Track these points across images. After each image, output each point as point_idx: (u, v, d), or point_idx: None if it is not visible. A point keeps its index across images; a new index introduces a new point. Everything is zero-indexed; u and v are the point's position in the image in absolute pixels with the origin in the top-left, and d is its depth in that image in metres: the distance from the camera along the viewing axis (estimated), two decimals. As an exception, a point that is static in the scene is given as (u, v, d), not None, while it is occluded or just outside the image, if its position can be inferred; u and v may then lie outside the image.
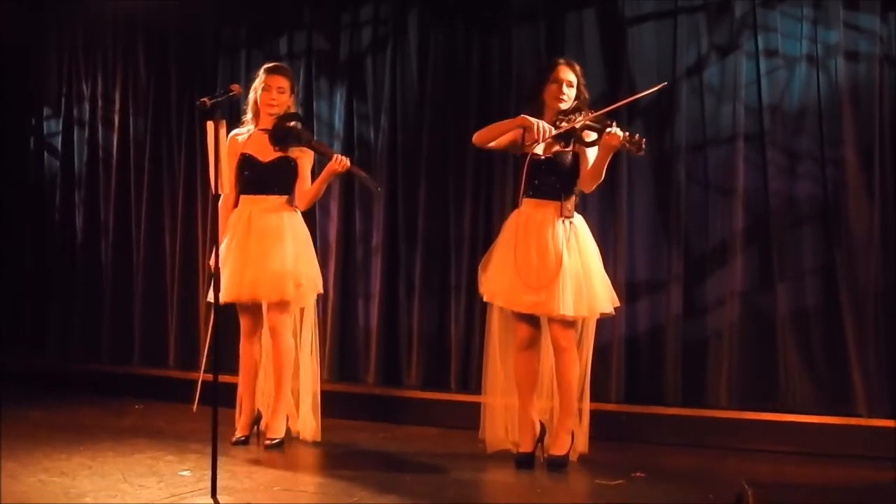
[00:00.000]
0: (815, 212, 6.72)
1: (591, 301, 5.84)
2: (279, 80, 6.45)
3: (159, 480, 5.46)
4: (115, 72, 8.84)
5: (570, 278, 5.77)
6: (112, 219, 8.81)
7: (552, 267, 5.78)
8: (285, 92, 6.45)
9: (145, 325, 8.64)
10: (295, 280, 6.35)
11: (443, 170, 7.64)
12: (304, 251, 6.47)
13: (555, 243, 5.81)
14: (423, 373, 7.64)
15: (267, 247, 6.33)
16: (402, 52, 7.79)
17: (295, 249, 6.38)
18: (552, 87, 5.92)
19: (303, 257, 6.43)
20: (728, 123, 6.89)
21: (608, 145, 5.67)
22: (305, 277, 6.41)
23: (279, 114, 6.42)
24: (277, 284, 6.31)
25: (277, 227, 6.37)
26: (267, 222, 6.38)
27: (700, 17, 6.98)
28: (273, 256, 6.30)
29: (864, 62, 6.62)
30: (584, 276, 5.83)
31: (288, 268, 6.32)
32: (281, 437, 6.39)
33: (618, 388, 7.00)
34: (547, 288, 5.76)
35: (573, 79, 5.94)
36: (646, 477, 5.74)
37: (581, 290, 5.79)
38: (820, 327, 6.68)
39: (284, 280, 6.32)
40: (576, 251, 5.85)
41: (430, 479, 5.69)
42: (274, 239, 6.34)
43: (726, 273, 6.85)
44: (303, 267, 6.41)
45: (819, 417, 6.52)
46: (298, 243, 6.43)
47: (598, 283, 5.90)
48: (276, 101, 6.43)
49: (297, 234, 6.45)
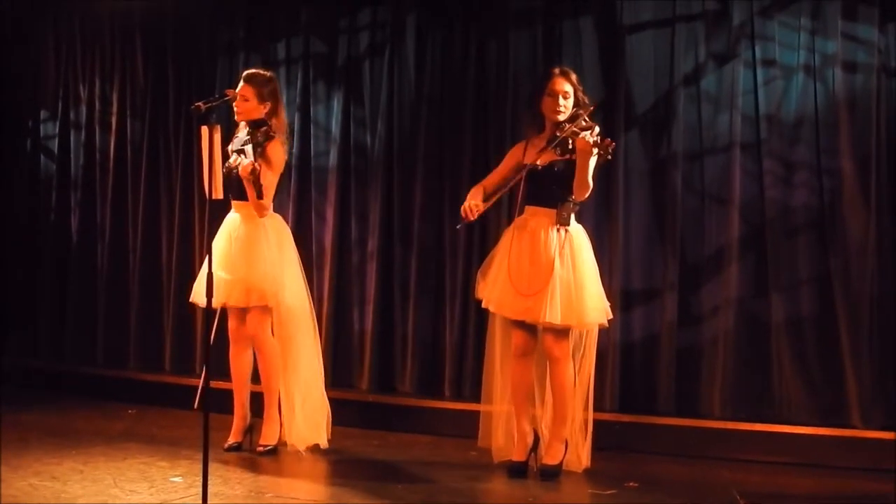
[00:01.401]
0: (811, 221, 6.71)
1: (580, 311, 5.83)
2: (243, 88, 6.43)
3: (150, 486, 5.47)
4: (113, 74, 8.82)
5: (560, 286, 5.77)
6: (108, 222, 8.78)
7: (543, 274, 5.78)
8: (249, 100, 6.40)
9: (141, 329, 8.61)
10: (245, 285, 6.33)
11: (439, 175, 7.62)
12: (260, 256, 6.39)
13: (547, 251, 5.82)
14: (417, 379, 7.61)
15: (233, 252, 6.36)
16: (400, 57, 7.78)
17: (250, 255, 6.36)
18: (548, 100, 5.93)
19: (259, 262, 6.37)
20: (725, 132, 6.88)
21: (581, 151, 5.67)
22: (259, 280, 6.34)
23: (246, 121, 6.44)
24: (228, 289, 6.31)
25: (244, 233, 6.40)
26: (238, 228, 6.42)
27: (698, 25, 6.97)
28: (233, 262, 6.34)
29: (861, 72, 6.62)
30: (576, 285, 5.82)
31: (238, 274, 6.33)
32: (273, 444, 6.38)
33: (612, 397, 6.98)
34: (536, 295, 5.76)
35: (569, 89, 5.94)
36: (639, 486, 5.75)
37: (571, 299, 5.79)
38: (815, 337, 6.67)
39: (233, 285, 6.32)
40: (569, 259, 5.84)
41: (423, 487, 5.69)
42: (240, 245, 6.37)
43: (721, 281, 6.84)
44: (256, 271, 6.35)
45: (813, 428, 6.52)
46: (254, 248, 6.38)
47: (590, 294, 5.88)
48: (237, 109, 6.44)
49: (253, 240, 6.39)
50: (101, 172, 8.85)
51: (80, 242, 8.93)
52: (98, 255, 8.82)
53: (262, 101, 6.43)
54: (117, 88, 8.80)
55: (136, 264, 8.63)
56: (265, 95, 6.45)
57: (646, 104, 7.08)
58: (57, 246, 9.05)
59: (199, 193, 8.15)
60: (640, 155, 7.08)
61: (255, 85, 6.44)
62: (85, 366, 8.72)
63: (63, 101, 9.07)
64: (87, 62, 8.96)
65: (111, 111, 8.82)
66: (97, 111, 8.89)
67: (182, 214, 8.40)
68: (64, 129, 9.08)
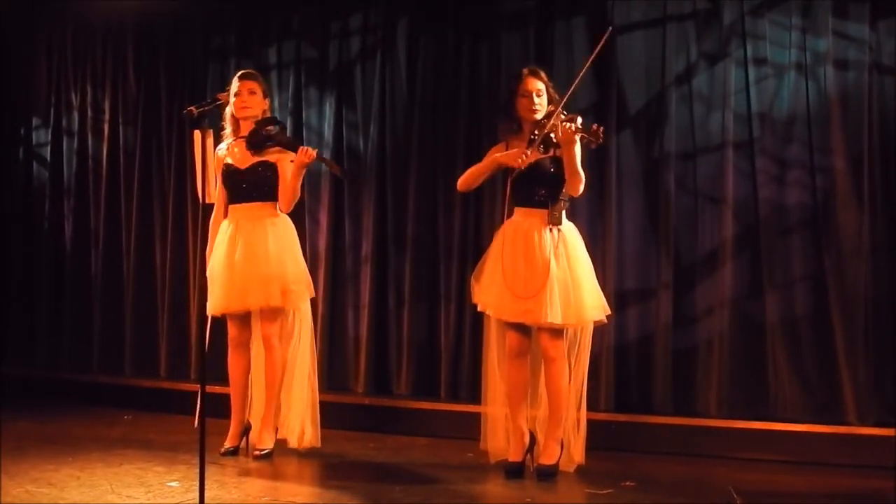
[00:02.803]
0: (804, 219, 6.72)
1: (579, 309, 5.83)
2: (248, 84, 6.44)
3: (147, 491, 5.45)
4: (105, 81, 8.84)
5: (557, 286, 5.76)
6: (102, 228, 8.80)
7: (540, 275, 5.77)
8: (256, 93, 6.43)
9: (136, 335, 8.62)
10: (282, 285, 6.33)
11: (432, 178, 7.64)
12: (289, 255, 6.42)
13: (542, 251, 5.81)
14: (413, 382, 7.63)
15: (251, 254, 6.31)
16: (392, 60, 7.79)
17: (279, 254, 6.35)
18: (522, 100, 5.93)
19: (288, 261, 6.39)
20: (717, 131, 6.89)
21: (565, 141, 5.66)
22: (293, 282, 6.39)
23: (254, 118, 6.41)
24: (264, 290, 6.29)
25: (261, 233, 6.35)
26: (251, 229, 6.36)
27: (689, 25, 6.99)
28: (258, 263, 6.29)
29: (853, 70, 6.63)
30: (573, 284, 5.82)
31: (273, 273, 6.30)
32: (270, 448, 6.37)
33: (607, 397, 6.99)
34: (535, 296, 5.76)
35: (541, 87, 5.94)
36: (635, 486, 5.73)
37: (569, 298, 5.79)
38: (810, 335, 6.68)
39: (270, 286, 6.30)
40: (564, 259, 5.83)
41: (420, 489, 5.67)
42: (257, 245, 6.33)
43: (716, 281, 6.85)
44: (289, 271, 6.38)
45: (809, 426, 6.52)
46: (282, 247, 6.38)
47: (588, 291, 5.89)
48: (247, 104, 6.42)
49: (280, 238, 6.40)
50: (94, 179, 8.87)
51: (73, 249, 8.95)
52: (92, 262, 8.84)
53: (265, 96, 6.50)
54: (109, 95, 8.83)
55: (131, 270, 8.65)
56: (266, 91, 6.53)
57: (638, 104, 7.09)
58: (51, 253, 9.05)
59: (192, 198, 8.15)
60: (633, 155, 7.09)
61: (258, 81, 6.49)
62: (80, 373, 8.73)
63: (55, 108, 9.10)
64: (78, 69, 8.98)
65: (103, 118, 8.85)
66: (89, 118, 8.92)
67: (175, 219, 8.42)
68: (56, 136, 9.11)
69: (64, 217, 9.02)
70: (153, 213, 8.57)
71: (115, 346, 8.68)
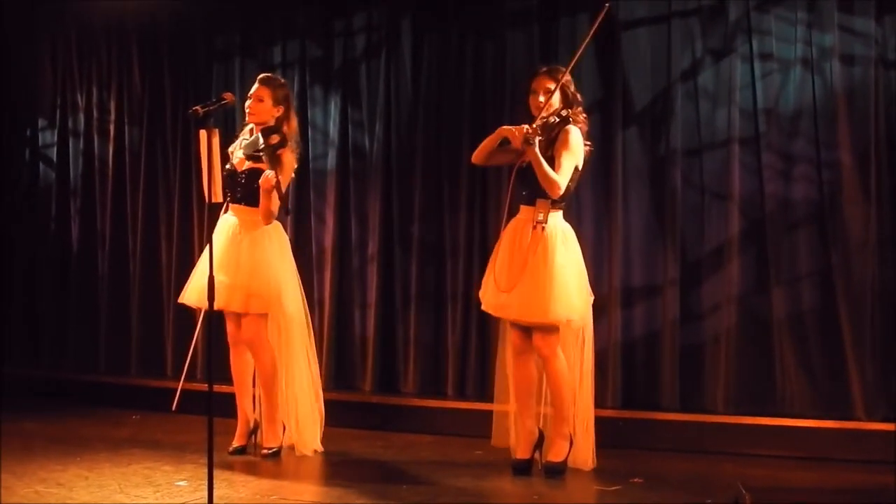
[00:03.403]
0: (811, 215, 6.71)
1: (543, 306, 5.77)
2: (259, 89, 6.40)
3: (156, 490, 5.47)
4: (110, 82, 8.83)
5: (529, 283, 5.78)
6: (108, 228, 8.79)
7: (517, 272, 5.81)
8: (264, 101, 6.38)
9: (142, 335, 8.62)
10: (247, 291, 6.29)
11: (437, 176, 7.63)
12: (265, 262, 6.34)
13: (521, 248, 5.85)
14: (420, 380, 7.62)
15: (237, 257, 6.31)
16: (396, 58, 7.78)
17: (254, 261, 6.32)
18: (531, 97, 6.00)
19: (262, 269, 6.32)
20: (723, 127, 6.88)
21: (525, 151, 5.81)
22: (261, 287, 6.30)
23: (261, 124, 6.37)
24: (229, 294, 6.24)
25: (240, 239, 6.34)
26: (240, 233, 6.36)
27: (694, 21, 6.97)
28: (236, 267, 6.29)
29: (859, 65, 6.62)
30: (545, 281, 5.78)
31: (240, 280, 6.27)
32: (277, 447, 6.37)
33: (614, 394, 6.98)
34: (510, 292, 5.80)
35: (550, 86, 5.93)
36: (643, 482, 5.75)
37: (535, 294, 5.78)
38: (817, 330, 6.67)
39: (233, 291, 6.26)
40: (541, 256, 5.81)
41: (428, 487, 5.68)
42: (244, 250, 6.32)
43: (722, 277, 6.84)
44: (259, 278, 6.31)
45: (816, 421, 6.52)
46: (258, 255, 6.34)
47: (559, 289, 5.81)
48: (251, 110, 6.40)
49: (257, 245, 6.36)
50: (101, 179, 8.86)
51: (80, 250, 8.94)
52: (98, 262, 8.82)
53: (276, 104, 6.39)
54: (115, 96, 8.81)
55: (137, 270, 8.64)
56: (279, 99, 6.41)
57: (643, 101, 7.09)
58: (57, 253, 9.04)
59: (197, 197, 8.15)
60: (639, 152, 7.08)
61: (270, 87, 6.41)
62: (87, 373, 8.72)
63: (61, 109, 9.08)
64: (84, 70, 8.97)
65: (109, 118, 8.83)
66: (95, 119, 8.90)
67: (181, 219, 8.41)
68: (62, 137, 9.09)
69: (70, 218, 9.01)
70: (159, 212, 8.56)
71: (122, 346, 8.67)
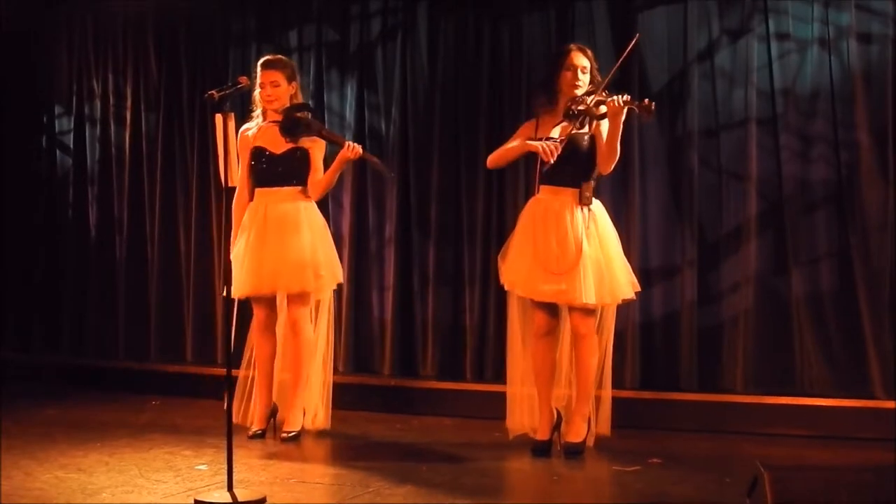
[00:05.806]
0: (829, 195, 6.70)
1: (612, 288, 5.87)
2: (270, 74, 6.42)
3: (176, 475, 5.48)
4: (126, 68, 8.83)
5: (591, 266, 5.78)
6: (126, 214, 8.80)
7: (572, 255, 5.78)
8: (279, 85, 6.41)
9: (161, 321, 8.64)
10: (315, 270, 6.37)
11: (455, 159, 7.62)
12: (322, 241, 6.47)
13: (574, 231, 5.81)
14: (439, 363, 7.63)
15: (285, 238, 6.33)
16: (412, 42, 7.78)
17: (312, 240, 6.40)
18: (567, 74, 5.93)
19: (321, 247, 6.44)
20: (740, 108, 6.87)
21: (613, 113, 5.66)
22: (325, 268, 6.44)
23: (281, 107, 6.41)
24: (297, 275, 6.32)
25: (294, 218, 6.38)
26: (283, 214, 6.38)
27: (710, 1, 6.95)
28: (291, 247, 6.31)
29: (876, 44, 6.59)
30: (605, 262, 5.84)
31: (307, 258, 6.34)
32: (297, 430, 6.39)
33: (633, 375, 6.99)
34: (568, 276, 5.76)
35: (587, 64, 5.95)
36: (662, 463, 5.74)
37: (602, 277, 5.81)
38: (835, 311, 6.66)
39: (304, 270, 6.33)
40: (595, 238, 5.85)
41: (447, 469, 5.68)
42: (291, 230, 6.35)
43: (740, 258, 6.83)
44: (321, 257, 6.42)
45: (835, 400, 6.51)
46: (315, 233, 6.44)
47: (619, 269, 5.92)
48: (271, 96, 6.42)
49: (313, 225, 6.45)
50: (118, 166, 8.87)
51: (98, 236, 8.95)
52: (117, 248, 8.83)
53: (290, 81, 6.46)
54: (131, 82, 8.80)
55: (155, 256, 8.65)
56: (291, 76, 6.49)
57: (660, 82, 7.07)
58: (76, 240, 9.07)
59: (215, 182, 8.17)
60: (656, 133, 7.06)
61: (280, 68, 6.45)
62: (107, 359, 8.76)
63: (77, 96, 9.08)
64: (100, 57, 8.97)
65: (125, 105, 8.83)
66: (111, 105, 8.90)
67: (199, 204, 8.42)
68: (79, 123, 9.09)
69: (88, 204, 9.02)
70: (176, 197, 8.57)
71: (141, 332, 8.70)
